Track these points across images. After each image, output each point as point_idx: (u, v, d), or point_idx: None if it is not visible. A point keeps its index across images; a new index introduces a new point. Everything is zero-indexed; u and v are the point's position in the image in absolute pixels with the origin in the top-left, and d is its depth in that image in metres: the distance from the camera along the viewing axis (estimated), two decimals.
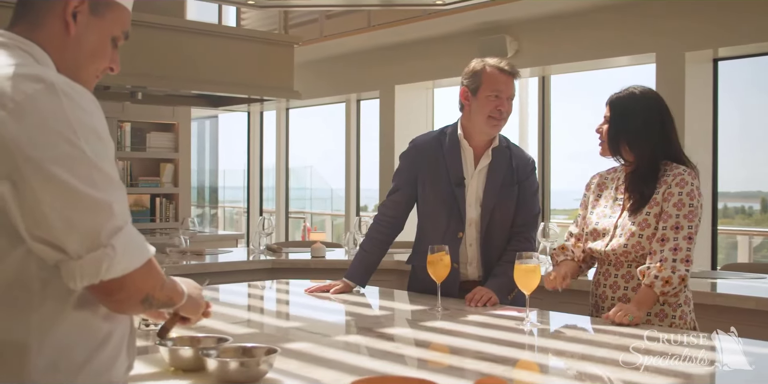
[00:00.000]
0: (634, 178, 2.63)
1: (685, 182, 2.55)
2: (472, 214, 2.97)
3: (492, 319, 2.52)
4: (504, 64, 2.92)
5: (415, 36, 7.13)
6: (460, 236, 2.97)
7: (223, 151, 11.88)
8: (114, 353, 1.43)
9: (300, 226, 10.51)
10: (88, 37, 1.47)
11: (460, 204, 2.96)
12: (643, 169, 2.61)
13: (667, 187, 2.56)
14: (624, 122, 2.61)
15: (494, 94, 2.88)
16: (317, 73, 8.36)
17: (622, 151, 2.63)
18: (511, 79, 2.91)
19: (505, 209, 2.99)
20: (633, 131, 2.60)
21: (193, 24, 6.41)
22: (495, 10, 6.22)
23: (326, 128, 9.84)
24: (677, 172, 2.57)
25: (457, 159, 2.99)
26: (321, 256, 4.59)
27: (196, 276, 4.06)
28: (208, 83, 5.65)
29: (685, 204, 2.52)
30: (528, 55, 6.54)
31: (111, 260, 1.27)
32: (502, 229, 2.99)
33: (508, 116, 2.94)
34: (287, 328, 2.40)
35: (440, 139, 3.04)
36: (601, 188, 2.77)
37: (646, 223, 2.57)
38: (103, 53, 1.51)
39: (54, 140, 1.27)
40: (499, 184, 2.97)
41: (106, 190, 1.29)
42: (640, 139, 2.60)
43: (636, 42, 5.89)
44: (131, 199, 7.47)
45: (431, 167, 3.01)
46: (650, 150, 2.60)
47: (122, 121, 7.29)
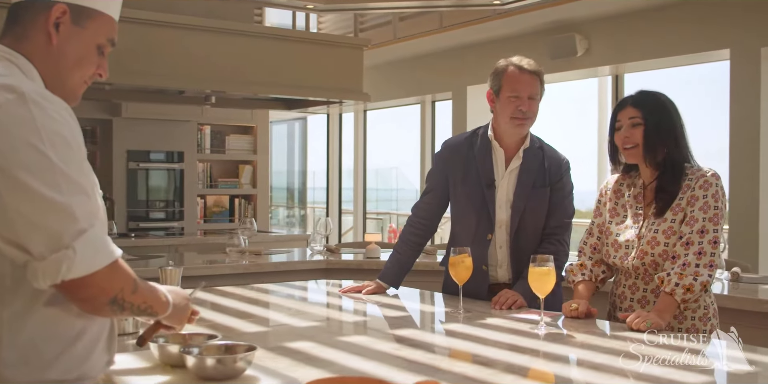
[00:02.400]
0: (664, 182, 2.53)
1: (709, 184, 2.45)
2: (501, 216, 2.94)
3: (508, 323, 2.50)
4: (524, 63, 2.87)
5: (486, 36, 7.10)
6: (489, 238, 2.94)
7: (313, 152, 12.05)
8: (88, 349, 1.51)
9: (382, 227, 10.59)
10: (71, 46, 1.55)
11: (490, 205, 2.93)
12: (673, 170, 2.52)
13: (691, 190, 2.47)
14: (660, 122, 2.51)
15: (514, 94, 2.84)
16: (392, 74, 8.42)
17: (656, 154, 2.52)
18: (532, 78, 2.85)
19: (537, 211, 2.94)
20: (669, 131, 2.51)
21: (264, 29, 6.59)
22: (564, 8, 6.13)
23: (406, 129, 9.88)
24: (700, 174, 2.48)
25: (488, 160, 2.96)
26: (375, 257, 4.63)
27: (250, 275, 4.24)
28: (279, 86, 5.79)
29: (710, 206, 2.43)
30: (598, 53, 6.40)
31: (71, 261, 1.34)
32: (533, 232, 2.95)
33: (534, 115, 2.89)
34: (298, 328, 2.44)
35: (472, 140, 3.03)
36: (617, 195, 2.68)
37: (671, 231, 2.48)
38: (88, 61, 1.58)
39: (20, 147, 1.35)
40: (530, 186, 2.93)
41: (71, 195, 1.36)
42: (674, 138, 2.52)
43: (709, 38, 5.68)
44: (211, 199, 7.71)
45: (462, 168, 2.99)
46: (681, 151, 2.53)
47: (202, 124, 7.53)
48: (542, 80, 2.90)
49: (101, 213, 1.52)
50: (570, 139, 8.38)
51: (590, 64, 6.48)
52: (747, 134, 5.48)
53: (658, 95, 2.56)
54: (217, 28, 5.44)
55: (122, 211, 6.89)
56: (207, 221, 7.65)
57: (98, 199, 1.50)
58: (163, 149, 7.14)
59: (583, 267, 2.70)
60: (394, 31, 7.78)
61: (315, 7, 5.79)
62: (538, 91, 2.87)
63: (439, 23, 7.29)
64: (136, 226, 6.93)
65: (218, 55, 5.41)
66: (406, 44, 7.69)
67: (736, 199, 5.57)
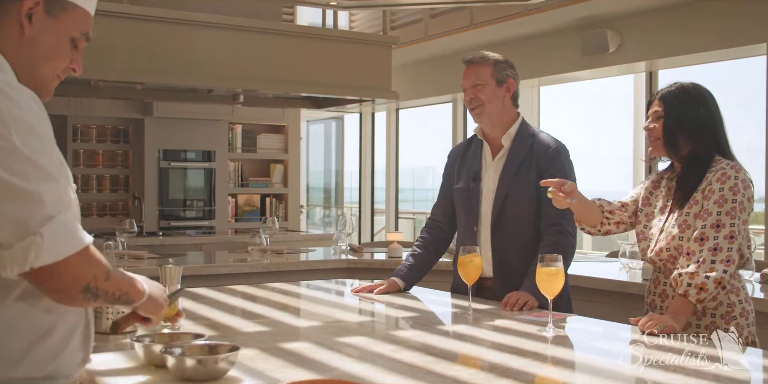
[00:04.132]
0: (686, 174, 2.46)
1: (727, 176, 2.36)
2: (485, 207, 2.93)
3: (516, 324, 2.42)
4: (467, 56, 2.96)
5: (517, 33, 6.98)
6: (474, 230, 2.95)
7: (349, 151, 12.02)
8: (59, 345, 1.47)
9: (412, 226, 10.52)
10: (44, 37, 1.51)
11: (473, 197, 2.95)
12: (697, 163, 2.44)
13: (708, 183, 2.38)
14: (680, 116, 2.45)
15: (462, 89, 2.96)
16: (424, 72, 8.34)
17: (678, 148, 2.46)
18: (471, 67, 2.93)
19: (520, 198, 2.86)
20: (690, 125, 2.45)
21: (293, 27, 6.58)
22: (596, 3, 6.01)
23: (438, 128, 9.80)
24: (719, 166, 2.39)
25: (477, 156, 3.01)
26: (398, 257, 4.56)
27: (270, 274, 4.22)
28: (308, 85, 5.76)
29: (727, 200, 2.34)
30: (631, 49, 6.26)
31: (38, 248, 1.31)
32: (516, 221, 2.87)
33: (486, 101, 2.89)
34: (299, 328, 2.40)
35: (470, 142, 3.10)
36: (654, 185, 2.62)
37: (686, 225, 2.40)
38: (61, 54, 1.55)
39: None
40: (513, 172, 2.88)
41: (38, 182, 1.33)
42: (697, 132, 2.45)
43: (745, 32, 5.51)
44: (242, 198, 7.72)
45: (458, 169, 3.07)
46: (706, 144, 2.45)
47: (233, 123, 7.54)
48: (493, 63, 2.91)
49: (73, 206, 1.50)
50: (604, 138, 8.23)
51: (623, 61, 6.33)
52: None
53: (687, 88, 2.48)
54: (247, 26, 5.44)
55: (153, 210, 6.93)
56: (238, 220, 7.66)
57: (70, 192, 1.47)
58: (195, 148, 7.16)
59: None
60: (425, 29, 7.71)
61: (338, 3, 5.74)
62: (480, 76, 2.90)
63: (469, 20, 7.20)
64: (168, 224, 6.96)
65: (248, 53, 5.40)
66: (437, 42, 7.61)
67: None
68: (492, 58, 2.93)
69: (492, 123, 2.94)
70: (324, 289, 3.43)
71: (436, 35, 7.56)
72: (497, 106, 2.91)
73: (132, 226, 4.25)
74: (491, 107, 2.90)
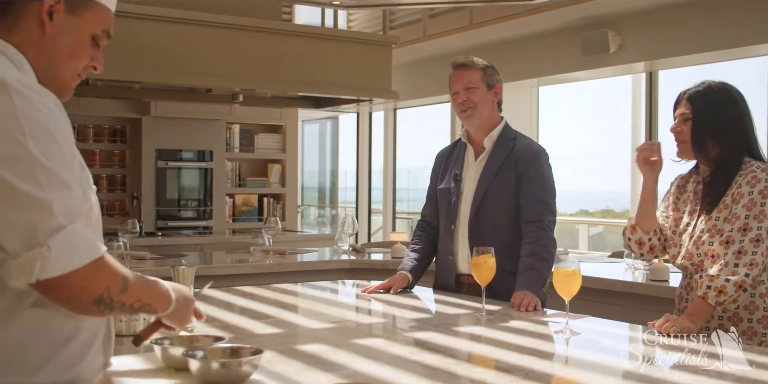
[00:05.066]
0: (716, 177, 2.42)
1: (757, 180, 2.32)
2: (464, 206, 3.02)
3: (532, 326, 2.40)
4: (458, 59, 3.05)
5: (517, 33, 6.97)
6: (452, 228, 3.04)
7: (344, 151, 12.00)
8: (80, 352, 1.44)
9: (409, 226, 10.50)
10: (65, 36, 1.48)
11: (453, 196, 3.04)
12: (726, 167, 2.40)
13: (738, 187, 2.34)
14: (709, 118, 2.40)
15: (453, 91, 3.03)
16: (422, 72, 8.32)
17: (707, 151, 2.42)
18: (462, 71, 3.01)
19: (498, 198, 2.96)
20: (719, 127, 2.40)
21: (292, 26, 6.55)
22: (596, 4, 5.99)
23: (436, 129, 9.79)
24: (750, 169, 2.35)
25: (460, 157, 3.10)
26: (401, 257, 4.53)
27: (273, 275, 4.19)
28: (307, 84, 5.74)
29: (756, 203, 2.30)
30: (632, 50, 6.25)
31: (45, 260, 1.26)
32: (494, 220, 2.97)
33: (477, 104, 2.98)
34: (312, 329, 2.38)
35: (455, 146, 3.19)
36: (680, 190, 2.58)
37: (716, 229, 2.36)
38: (82, 52, 1.52)
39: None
40: (493, 173, 2.99)
41: (50, 190, 1.28)
42: (726, 134, 2.40)
43: (748, 31, 5.50)
44: (240, 199, 7.68)
45: (442, 171, 3.16)
46: (735, 146, 2.41)
47: (231, 123, 7.50)
48: (483, 68, 3.01)
49: (94, 210, 1.46)
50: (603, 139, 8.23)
51: (624, 61, 6.32)
52: None
53: (716, 88, 2.43)
54: (247, 26, 5.41)
55: (151, 210, 6.89)
56: (236, 220, 7.63)
57: (90, 195, 1.43)
58: (193, 148, 7.12)
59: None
60: (424, 29, 7.69)
61: (341, 2, 5.71)
62: (473, 80, 2.99)
63: (469, 20, 7.18)
64: (165, 224, 6.92)
65: (246, 53, 5.37)
66: (436, 42, 7.59)
67: None
68: (481, 63, 3.04)
69: (480, 125, 3.04)
70: (331, 290, 3.41)
71: (435, 35, 7.54)
72: (487, 109, 3.02)
73: (134, 227, 4.21)
74: (482, 110, 3.00)
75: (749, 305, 2.35)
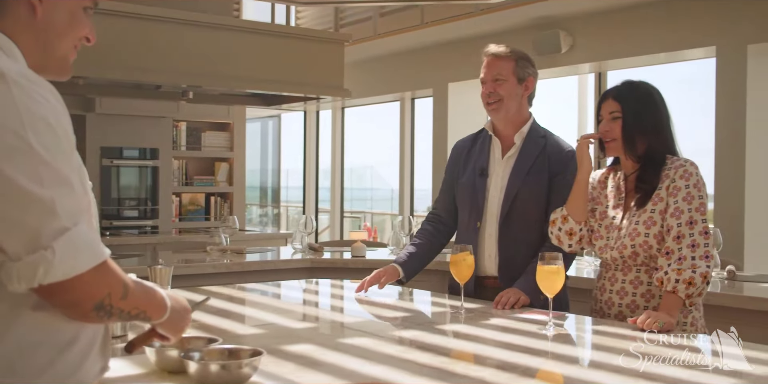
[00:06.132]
0: (643, 174, 2.48)
1: (690, 174, 2.41)
2: (492, 204, 2.86)
3: (514, 323, 2.40)
4: (491, 48, 2.90)
5: (468, 33, 7.01)
6: (478, 226, 2.87)
7: (286, 150, 11.92)
8: (82, 355, 1.37)
9: (357, 226, 10.48)
10: (57, 15, 1.40)
11: (479, 193, 2.88)
12: (655, 162, 2.47)
13: (671, 181, 2.42)
14: (639, 116, 2.46)
15: (481, 80, 2.89)
16: (371, 71, 8.30)
17: (636, 148, 2.47)
18: (494, 60, 2.86)
19: (530, 198, 2.82)
20: (648, 124, 2.47)
21: (244, 23, 6.44)
22: (548, 4, 6.06)
23: (384, 127, 9.78)
24: (678, 164, 2.44)
25: (485, 150, 2.93)
26: (361, 256, 4.51)
27: (233, 275, 4.11)
28: (259, 82, 5.63)
29: (694, 197, 2.39)
30: (583, 50, 6.34)
31: (49, 264, 1.19)
32: (524, 221, 2.83)
33: (504, 97, 2.82)
34: (296, 329, 2.33)
35: (476, 137, 3.02)
36: (602, 185, 2.63)
37: (651, 221, 2.43)
38: (76, 25, 1.43)
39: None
40: (524, 172, 2.83)
41: (53, 187, 1.21)
42: (655, 131, 2.47)
43: (696, 35, 5.64)
44: (186, 197, 7.54)
45: (464, 162, 2.98)
46: (662, 142, 2.49)
47: (177, 121, 7.35)
48: (516, 59, 2.87)
49: (92, 208, 1.39)
50: None
51: (574, 61, 6.41)
52: (732, 132, 5.44)
53: (641, 87, 2.52)
54: (196, 21, 5.28)
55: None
56: (182, 219, 7.48)
57: (88, 193, 1.36)
58: (138, 146, 6.96)
59: None
60: (374, 27, 7.67)
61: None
62: (502, 72, 2.84)
63: (420, 19, 7.18)
64: (110, 224, 6.74)
65: (196, 49, 5.24)
66: (386, 40, 7.58)
67: (721, 197, 5.54)
68: (516, 54, 2.88)
69: (506, 120, 2.88)
70: (301, 290, 3.36)
71: (386, 34, 7.52)
72: (515, 103, 2.85)
73: None
74: (509, 104, 2.84)
75: (646, 293, 2.45)
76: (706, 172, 5.22)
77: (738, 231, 5.33)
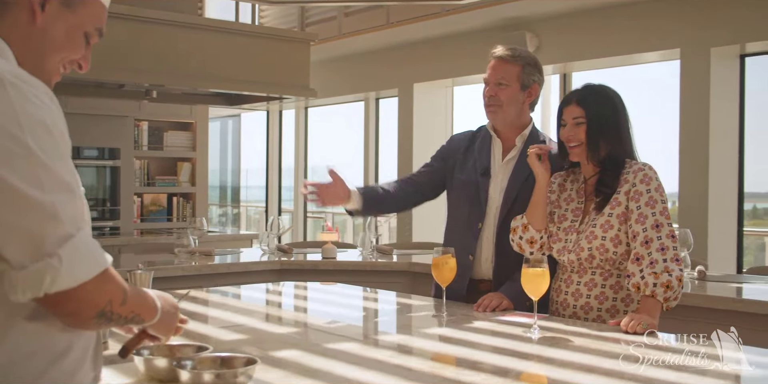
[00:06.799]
0: (604, 177, 2.50)
1: (650, 178, 2.44)
2: (494, 206, 2.84)
3: (498, 326, 2.40)
4: (497, 49, 2.84)
5: (434, 33, 7.01)
6: (479, 226, 2.83)
7: (246, 150, 11.82)
8: (75, 365, 1.33)
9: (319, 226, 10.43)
10: (56, 28, 1.37)
11: (482, 193, 2.84)
12: (615, 166, 2.49)
13: (631, 185, 2.44)
14: (603, 120, 2.48)
15: (485, 81, 2.85)
16: (336, 71, 8.26)
17: (599, 152, 2.49)
18: (499, 63, 2.81)
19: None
20: (612, 129, 2.49)
21: (209, 21, 6.36)
22: (515, 6, 6.08)
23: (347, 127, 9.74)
24: (637, 167, 2.46)
25: (486, 150, 2.90)
26: (332, 257, 4.48)
27: (203, 277, 4.05)
28: (223, 81, 5.57)
29: (657, 201, 2.42)
30: (549, 52, 6.38)
31: (56, 272, 1.15)
32: None
33: (504, 102, 2.78)
34: (278, 335, 2.29)
35: (476, 134, 2.99)
36: (561, 188, 2.65)
37: (609, 225, 2.46)
38: (72, 47, 1.40)
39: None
40: (524, 176, 2.79)
41: (54, 192, 1.17)
42: (617, 136, 2.50)
43: (660, 38, 5.72)
44: (148, 198, 7.43)
45: (461, 158, 2.94)
46: (623, 147, 2.51)
47: (139, 120, 7.25)
48: (523, 65, 2.79)
49: (86, 213, 1.36)
50: None
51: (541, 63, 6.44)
52: (696, 134, 5.53)
53: (602, 91, 2.53)
54: (161, 19, 5.20)
55: None
56: (144, 220, 7.37)
57: (83, 198, 1.33)
58: (99, 146, 6.84)
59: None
60: (339, 27, 7.63)
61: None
62: (506, 76, 2.78)
63: (385, 19, 7.16)
64: None
65: (160, 47, 5.16)
66: (351, 40, 7.55)
67: (685, 198, 5.62)
68: (523, 59, 2.82)
69: (505, 124, 2.85)
70: (277, 293, 3.32)
71: (351, 33, 7.49)
72: (515, 109, 2.81)
73: None
74: (508, 109, 2.80)
75: (599, 295, 2.49)
76: (670, 172, 5.30)
77: (702, 231, 5.41)
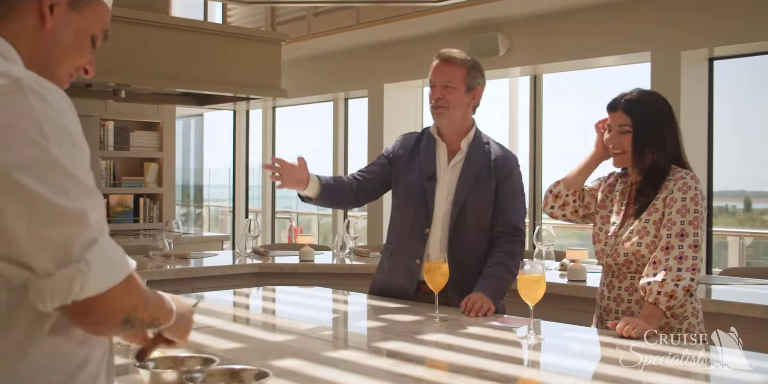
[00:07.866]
0: (646, 184, 2.50)
1: (688, 187, 2.43)
2: (441, 210, 2.86)
3: (493, 332, 2.39)
4: (443, 51, 2.87)
5: (405, 34, 6.99)
6: (426, 232, 2.86)
7: (209, 149, 11.72)
8: (92, 378, 1.30)
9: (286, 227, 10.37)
10: (65, 32, 1.33)
11: (429, 198, 2.87)
12: (657, 174, 2.49)
13: (669, 192, 2.44)
14: (649, 130, 2.47)
15: (431, 83, 2.86)
16: (305, 71, 8.21)
17: (644, 160, 2.49)
18: (446, 65, 2.83)
19: (478, 205, 2.85)
20: (658, 138, 2.47)
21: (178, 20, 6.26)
22: (487, 7, 6.10)
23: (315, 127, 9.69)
24: (679, 176, 2.46)
25: (431, 154, 2.93)
26: (310, 260, 4.45)
27: (180, 281, 3.99)
28: (193, 81, 5.50)
29: (689, 210, 2.40)
30: (520, 53, 6.42)
31: (84, 277, 1.12)
32: (473, 227, 2.85)
33: (451, 104, 2.82)
34: (275, 343, 2.26)
35: (419, 137, 3.00)
36: (610, 188, 2.67)
37: (645, 231, 2.46)
38: (80, 50, 1.36)
39: (19, 143, 1.12)
40: (472, 179, 2.85)
41: (80, 199, 1.14)
42: (663, 145, 2.48)
43: (631, 41, 5.78)
44: (114, 199, 7.32)
45: (407, 161, 2.95)
46: (669, 155, 2.49)
47: (105, 120, 7.13)
48: (468, 68, 2.84)
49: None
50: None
51: (512, 64, 6.48)
52: None
53: (651, 100, 2.52)
54: (130, 18, 5.11)
55: None
56: (110, 222, 7.24)
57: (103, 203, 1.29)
58: None
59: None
60: (308, 27, 7.58)
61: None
62: (453, 79, 2.81)
63: (355, 20, 7.14)
64: None
65: (127, 46, 5.07)
66: (321, 40, 7.50)
67: None
68: (468, 62, 2.86)
69: (450, 126, 2.90)
70: (261, 298, 3.28)
71: (320, 33, 7.45)
72: (461, 111, 2.87)
73: None
74: (455, 112, 2.85)
75: (641, 300, 2.46)
76: None
77: None
